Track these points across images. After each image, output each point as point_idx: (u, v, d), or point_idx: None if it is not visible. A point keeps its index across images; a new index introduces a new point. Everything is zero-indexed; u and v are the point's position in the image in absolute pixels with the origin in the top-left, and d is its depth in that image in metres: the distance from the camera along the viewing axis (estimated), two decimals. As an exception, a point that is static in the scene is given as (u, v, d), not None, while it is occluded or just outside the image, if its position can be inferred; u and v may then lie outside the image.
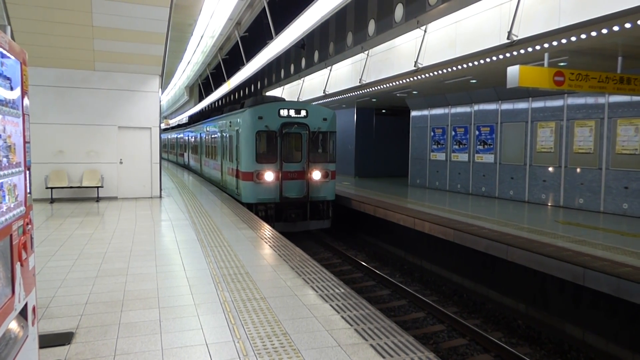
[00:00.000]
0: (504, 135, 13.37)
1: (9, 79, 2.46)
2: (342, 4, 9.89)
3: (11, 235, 2.41)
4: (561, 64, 9.32)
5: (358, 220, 13.76)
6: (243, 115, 12.63)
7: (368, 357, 3.58)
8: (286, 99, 15.36)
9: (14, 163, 2.50)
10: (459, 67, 10.27)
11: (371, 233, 13.34)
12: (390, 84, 13.32)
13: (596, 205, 10.73)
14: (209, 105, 36.57)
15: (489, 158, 13.92)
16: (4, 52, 2.38)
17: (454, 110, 15.44)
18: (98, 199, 12.87)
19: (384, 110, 21.19)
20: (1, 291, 2.26)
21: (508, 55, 8.75)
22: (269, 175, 12.21)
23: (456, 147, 15.28)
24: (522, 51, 8.39)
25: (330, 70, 17.35)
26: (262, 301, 4.81)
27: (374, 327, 4.17)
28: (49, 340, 3.77)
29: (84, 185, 12.75)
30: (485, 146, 14.02)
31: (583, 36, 7.22)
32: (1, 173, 2.29)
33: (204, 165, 20.71)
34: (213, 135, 17.91)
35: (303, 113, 12.46)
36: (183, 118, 48.69)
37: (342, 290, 5.23)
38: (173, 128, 49.24)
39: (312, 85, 19.56)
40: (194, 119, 38.86)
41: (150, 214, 10.73)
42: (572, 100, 11.26)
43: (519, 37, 8.23)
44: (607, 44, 7.66)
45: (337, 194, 13.55)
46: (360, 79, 14.54)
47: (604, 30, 6.89)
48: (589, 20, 6.93)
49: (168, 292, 5.10)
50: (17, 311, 2.48)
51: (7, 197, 2.39)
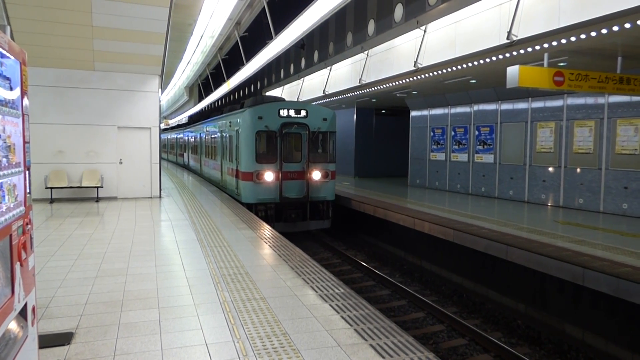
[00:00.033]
0: (503, 135, 13.38)
1: (8, 79, 2.46)
2: (342, 4, 9.88)
3: (11, 235, 2.41)
4: (561, 64, 9.33)
5: (358, 220, 13.76)
6: (243, 115, 12.62)
7: (368, 357, 3.58)
8: (286, 99, 15.35)
9: (14, 163, 2.50)
10: (459, 67, 10.28)
11: (371, 233, 13.34)
12: (390, 84, 13.32)
13: (596, 205, 10.74)
14: (208, 106, 36.56)
15: (488, 158, 13.92)
16: (4, 52, 2.38)
17: (453, 110, 15.45)
18: (98, 199, 12.86)
19: (383, 111, 21.20)
20: (1, 291, 2.26)
21: (508, 55, 8.75)
22: (269, 176, 12.20)
23: (456, 147, 15.29)
24: (522, 51, 8.40)
25: (330, 70, 17.34)
26: (262, 301, 4.81)
27: (373, 327, 4.17)
28: (48, 341, 3.77)
29: (83, 185, 12.75)
30: (485, 146, 14.02)
31: (583, 36, 7.22)
32: (1, 173, 2.29)
33: (204, 166, 20.71)
34: (213, 136, 17.91)
35: (303, 113, 12.46)
36: (183, 118, 48.69)
37: (342, 290, 5.23)
38: (173, 128, 49.24)
39: (312, 85, 19.56)
40: (194, 119, 38.86)
41: (150, 214, 10.73)
42: (572, 101, 11.26)
43: (519, 37, 8.23)
44: (607, 44, 7.66)
45: (337, 194, 13.55)
46: (360, 79, 14.54)
47: (604, 31, 6.89)
48: (589, 21, 6.93)
49: (168, 292, 5.10)
50: (17, 311, 2.48)
51: (7, 197, 2.38)
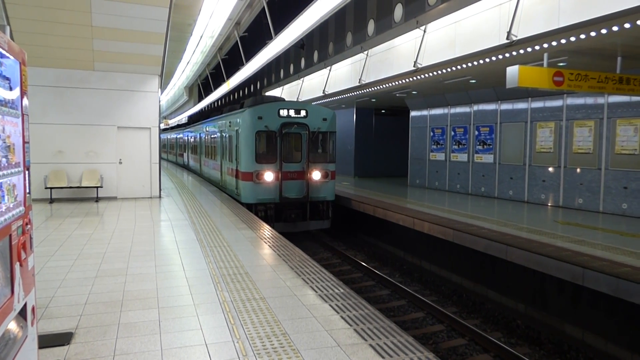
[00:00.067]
0: (503, 135, 13.38)
1: (8, 79, 2.46)
2: (342, 4, 9.89)
3: (10, 236, 2.41)
4: (560, 64, 9.33)
5: (357, 220, 13.76)
6: (243, 115, 12.62)
7: (367, 357, 3.58)
8: (286, 99, 15.35)
9: (13, 163, 2.50)
10: (459, 67, 10.28)
11: (371, 233, 13.34)
12: (390, 84, 13.32)
13: (595, 205, 10.74)
14: (208, 106, 36.56)
15: (488, 158, 13.93)
16: (3, 52, 2.38)
17: (453, 110, 15.45)
18: (97, 199, 12.86)
19: (383, 111, 21.20)
20: (0, 291, 2.26)
21: (507, 55, 8.76)
22: (269, 176, 12.20)
23: (455, 147, 15.29)
24: (522, 51, 8.40)
25: (330, 70, 17.34)
26: (262, 301, 4.81)
27: (373, 327, 4.17)
28: (48, 341, 3.77)
29: (83, 185, 12.75)
30: (485, 146, 14.03)
31: (582, 36, 7.22)
32: (0, 173, 2.29)
33: (204, 166, 20.70)
34: (212, 136, 17.90)
35: (303, 113, 12.45)
36: (182, 118, 48.70)
37: (342, 290, 5.23)
38: (172, 128, 49.25)
39: (312, 86, 19.55)
40: (194, 119, 38.88)
41: (149, 214, 10.72)
42: (572, 101, 11.27)
43: (519, 37, 8.23)
44: (607, 44, 7.67)
45: (337, 194, 13.54)
46: (359, 79, 14.54)
47: (604, 31, 6.90)
48: (589, 21, 6.94)
49: (167, 293, 5.10)
50: (17, 311, 2.48)
51: (7, 197, 2.38)
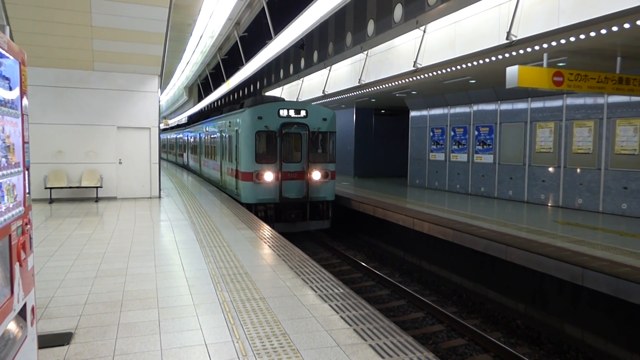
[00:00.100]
0: (503, 135, 13.38)
1: (7, 79, 2.46)
2: (341, 4, 9.88)
3: (10, 236, 2.41)
4: (560, 64, 9.33)
5: (357, 220, 13.76)
6: (242, 116, 12.62)
7: (367, 357, 3.58)
8: (285, 99, 15.35)
9: (13, 163, 2.50)
10: (458, 68, 10.28)
11: (370, 233, 13.34)
12: (390, 84, 13.32)
13: (595, 205, 10.75)
14: (208, 106, 36.55)
15: (488, 158, 13.93)
16: (3, 52, 2.38)
17: (453, 110, 15.45)
18: (97, 199, 12.86)
19: (383, 111, 21.20)
20: (0, 291, 2.26)
21: (507, 55, 8.76)
22: (269, 176, 12.19)
23: (455, 148, 15.29)
24: (521, 51, 8.40)
25: (330, 70, 17.34)
26: (261, 301, 4.81)
27: (373, 327, 4.17)
28: (48, 341, 3.77)
29: (83, 185, 12.75)
30: (485, 146, 14.03)
31: (582, 36, 7.23)
32: (0, 173, 2.29)
33: (204, 166, 20.71)
34: (212, 136, 17.90)
35: (303, 113, 12.45)
36: (182, 118, 48.69)
37: (341, 290, 5.23)
38: (172, 128, 49.25)
39: (312, 86, 19.55)
40: (193, 119, 38.88)
41: (149, 214, 10.72)
42: (571, 101, 11.27)
43: (518, 38, 8.24)
44: (606, 44, 7.67)
45: (337, 194, 13.55)
46: (359, 79, 14.54)
47: (603, 31, 6.90)
48: (588, 21, 6.94)
49: (167, 293, 5.10)
50: (16, 311, 2.48)
51: (6, 198, 2.38)
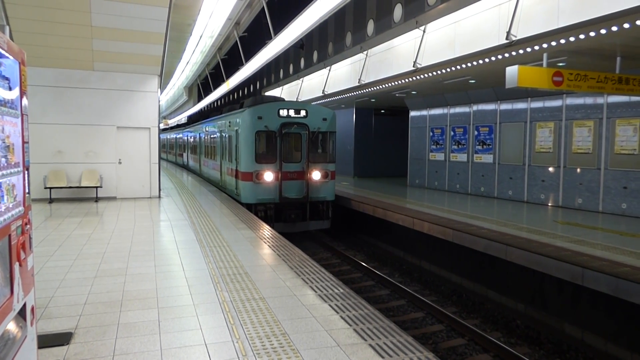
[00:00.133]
0: (502, 135, 13.38)
1: (7, 79, 2.46)
2: (341, 4, 9.87)
3: (10, 236, 2.41)
4: (560, 64, 9.34)
5: (357, 220, 13.76)
6: (242, 115, 12.61)
7: (367, 357, 3.58)
8: (285, 99, 15.35)
9: (13, 163, 2.50)
10: (458, 67, 10.28)
11: (370, 233, 13.34)
12: (389, 84, 13.32)
13: (595, 205, 10.75)
14: (208, 106, 36.54)
15: (487, 158, 13.93)
16: (3, 52, 2.38)
17: (452, 110, 15.45)
18: (97, 199, 12.85)
19: (383, 111, 21.20)
20: (0, 291, 2.26)
21: (507, 55, 8.76)
22: (269, 176, 12.19)
23: (455, 147, 15.29)
24: (521, 51, 8.40)
25: (329, 70, 17.34)
26: (261, 301, 4.81)
27: (373, 327, 4.17)
28: (47, 341, 3.76)
29: (82, 185, 12.74)
30: (484, 146, 14.03)
31: (582, 36, 7.23)
32: (0, 173, 2.29)
33: (203, 166, 20.70)
34: (212, 136, 17.89)
35: (303, 113, 12.45)
36: (182, 118, 48.67)
37: (341, 290, 5.23)
38: (172, 128, 49.24)
39: (311, 86, 19.55)
40: (193, 119, 38.86)
41: (149, 214, 10.72)
42: (571, 101, 11.27)
43: (518, 38, 8.24)
44: (606, 44, 7.67)
45: (337, 194, 13.54)
46: (359, 79, 14.54)
47: (603, 31, 6.90)
48: (588, 21, 6.94)
49: (167, 293, 5.10)
50: (16, 311, 2.48)
51: (6, 197, 2.38)
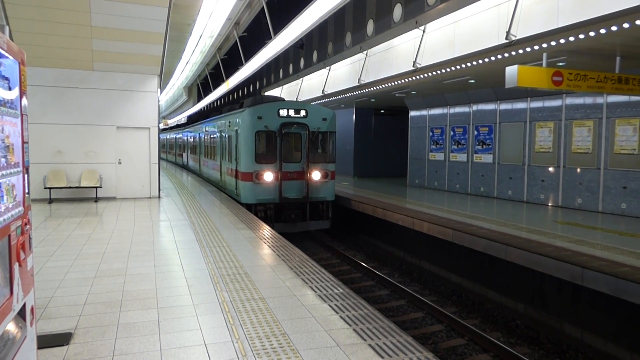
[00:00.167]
0: (502, 135, 13.38)
1: (7, 79, 2.45)
2: (341, 4, 9.87)
3: (9, 236, 2.40)
4: (559, 64, 9.34)
5: (357, 220, 13.76)
6: (242, 115, 12.61)
7: (367, 357, 3.58)
8: (285, 99, 15.35)
9: (12, 163, 2.50)
10: (458, 67, 10.28)
11: (370, 233, 13.34)
12: (389, 84, 13.32)
13: (595, 205, 10.75)
14: (207, 106, 36.52)
15: (487, 158, 13.93)
16: (2, 52, 2.38)
17: (452, 110, 15.45)
18: (97, 199, 12.85)
19: (382, 110, 21.19)
20: (-1, 292, 2.26)
21: (506, 55, 8.76)
22: (269, 176, 12.19)
23: (455, 147, 15.29)
24: (521, 51, 8.40)
25: (329, 70, 17.34)
26: (261, 301, 4.81)
27: (372, 327, 4.17)
28: (47, 341, 3.76)
29: (82, 185, 12.74)
30: (484, 146, 14.03)
31: (581, 36, 7.23)
32: (0, 173, 2.29)
33: (203, 166, 20.70)
34: (212, 136, 17.89)
35: (302, 113, 12.44)
36: (182, 118, 48.65)
37: (341, 290, 5.23)
38: (172, 128, 49.22)
39: (311, 86, 19.55)
40: (193, 119, 38.85)
41: (149, 214, 10.72)
42: (571, 100, 11.27)
43: (518, 37, 8.23)
44: (606, 44, 7.67)
45: (337, 194, 13.54)
46: (359, 79, 14.54)
47: (602, 31, 6.90)
48: (588, 21, 6.94)
49: (167, 293, 5.10)
50: (16, 312, 2.48)
51: (6, 198, 2.38)
